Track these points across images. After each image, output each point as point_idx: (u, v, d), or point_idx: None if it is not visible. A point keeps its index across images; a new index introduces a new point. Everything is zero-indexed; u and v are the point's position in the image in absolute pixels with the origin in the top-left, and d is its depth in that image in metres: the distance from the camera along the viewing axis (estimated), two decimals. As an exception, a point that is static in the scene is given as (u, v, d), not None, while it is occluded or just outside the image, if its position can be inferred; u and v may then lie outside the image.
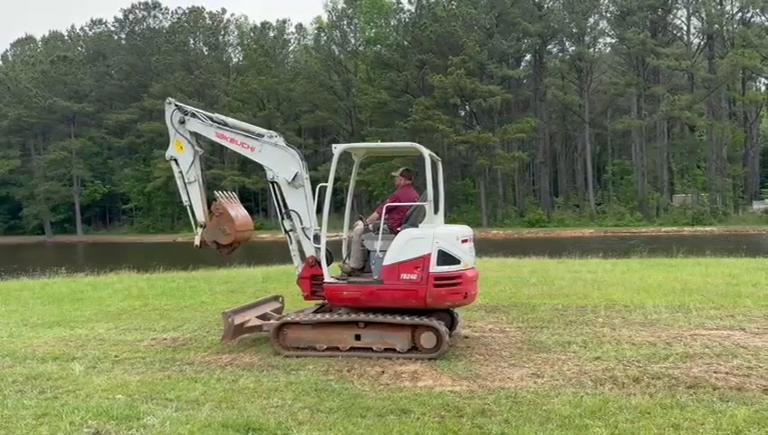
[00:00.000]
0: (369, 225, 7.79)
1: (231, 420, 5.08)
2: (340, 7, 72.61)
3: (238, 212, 8.23)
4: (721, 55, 58.37)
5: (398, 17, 68.75)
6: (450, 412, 5.30)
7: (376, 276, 7.37)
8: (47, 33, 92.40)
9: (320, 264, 7.56)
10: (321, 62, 69.79)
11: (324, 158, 59.54)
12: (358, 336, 7.29)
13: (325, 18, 76.27)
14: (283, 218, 7.94)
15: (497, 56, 62.42)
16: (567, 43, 66.48)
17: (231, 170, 65.88)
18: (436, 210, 7.56)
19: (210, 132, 8.14)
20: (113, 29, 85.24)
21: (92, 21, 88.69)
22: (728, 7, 61.44)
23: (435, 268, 7.05)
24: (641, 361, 6.78)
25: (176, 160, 8.19)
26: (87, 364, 7.15)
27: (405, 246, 7.17)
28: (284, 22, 79.71)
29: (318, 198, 7.79)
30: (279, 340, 7.45)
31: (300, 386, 6.08)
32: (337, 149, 7.65)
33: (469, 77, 57.01)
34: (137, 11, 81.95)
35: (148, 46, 77.12)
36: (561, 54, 67.15)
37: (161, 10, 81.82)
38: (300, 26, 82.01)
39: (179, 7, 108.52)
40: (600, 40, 68.67)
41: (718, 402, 5.39)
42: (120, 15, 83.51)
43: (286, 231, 7.92)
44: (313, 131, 74.78)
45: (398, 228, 7.54)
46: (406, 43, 65.32)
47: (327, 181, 7.65)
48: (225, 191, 8.54)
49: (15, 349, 8.03)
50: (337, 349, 7.27)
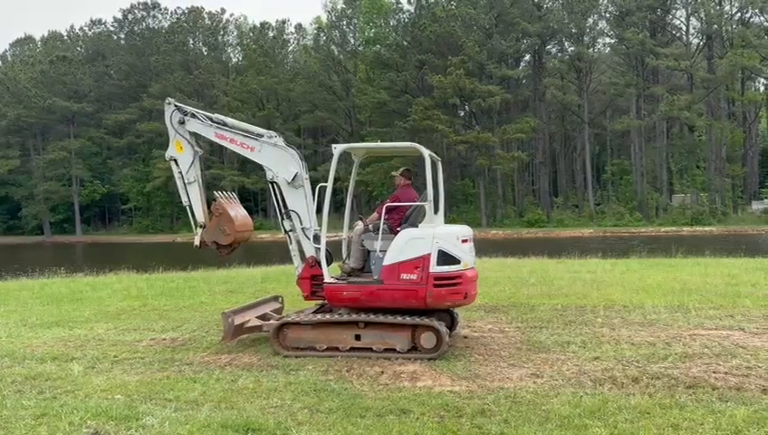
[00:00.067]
0: (369, 225, 7.79)
1: (230, 421, 5.08)
2: (339, 7, 72.69)
3: (238, 212, 8.22)
4: (720, 55, 58.43)
5: (397, 17, 68.76)
6: (449, 412, 5.30)
7: (376, 276, 7.37)
8: (46, 33, 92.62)
9: (320, 264, 7.56)
10: (320, 62, 69.79)
11: (324, 158, 59.57)
12: (358, 336, 7.29)
13: (324, 18, 76.36)
14: (282, 219, 7.93)
15: (496, 56, 62.45)
16: (566, 44, 66.54)
17: (230, 170, 65.91)
18: (436, 210, 7.56)
19: (210, 133, 8.14)
20: (112, 29, 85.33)
21: (92, 21, 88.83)
22: (727, 7, 61.51)
23: (435, 268, 7.05)
24: (640, 361, 6.78)
25: (175, 161, 8.19)
26: (86, 365, 7.15)
27: (405, 246, 7.17)
28: (284, 22, 79.85)
29: (318, 198, 7.79)
30: (279, 340, 7.44)
31: (299, 386, 6.08)
32: (337, 150, 7.64)
33: (468, 77, 57.02)
34: (136, 11, 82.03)
35: (147, 46, 77.12)
36: (560, 55, 67.20)
37: (160, 10, 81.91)
38: (299, 26, 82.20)
39: (179, 7, 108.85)
40: (600, 40, 68.88)
41: (717, 402, 5.39)
42: (120, 15, 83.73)
43: (286, 231, 7.91)
44: (313, 131, 74.81)
45: (398, 228, 7.53)
46: (405, 43, 65.34)
47: (326, 181, 7.64)
48: (225, 191, 8.53)
49: (14, 349, 8.03)
50: (337, 349, 7.26)
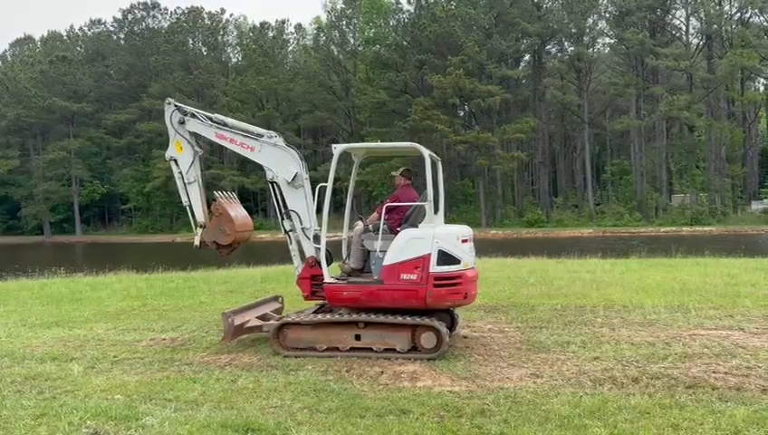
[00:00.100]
0: (369, 225, 7.78)
1: (230, 421, 5.08)
2: (339, 7, 72.69)
3: (238, 212, 8.22)
4: (720, 55, 58.44)
5: (397, 17, 68.76)
6: (449, 412, 5.30)
7: (376, 277, 7.36)
8: (46, 34, 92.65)
9: (320, 264, 7.55)
10: (320, 62, 69.79)
11: (323, 158, 59.55)
12: (358, 336, 7.28)
13: (324, 18, 76.36)
14: (282, 219, 7.93)
15: (496, 56, 62.45)
16: (566, 44, 66.54)
17: (230, 170, 65.91)
18: (436, 210, 7.55)
19: (210, 133, 8.14)
20: (112, 29, 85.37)
21: (91, 21, 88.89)
22: (727, 7, 61.51)
23: (435, 268, 7.04)
24: (640, 361, 6.78)
25: (175, 161, 8.19)
26: (86, 365, 7.15)
27: (405, 246, 7.16)
28: (283, 22, 79.91)
29: (318, 198, 7.79)
30: (279, 340, 7.44)
31: (299, 386, 6.08)
32: (337, 150, 7.63)
33: (468, 77, 57.03)
34: (136, 11, 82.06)
35: (147, 46, 77.13)
36: (560, 55, 67.20)
37: (160, 10, 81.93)
38: (299, 26, 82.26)
39: (178, 7, 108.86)
40: (599, 40, 68.90)
41: (717, 402, 5.39)
42: (119, 15, 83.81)
43: (286, 231, 7.91)
44: (312, 131, 74.82)
45: (398, 228, 7.53)
46: (405, 43, 65.33)
47: (326, 181, 7.64)
48: (225, 191, 8.53)
49: (14, 349, 8.02)
50: (337, 349, 7.26)
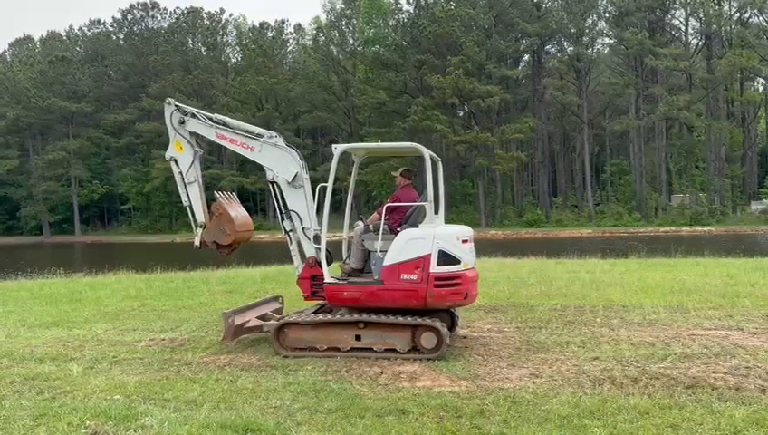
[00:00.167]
0: (370, 225, 7.78)
1: (229, 421, 5.08)
2: (338, 8, 72.74)
3: (238, 212, 8.22)
4: (719, 56, 58.47)
5: (396, 18, 68.77)
6: (449, 413, 5.29)
7: (376, 277, 7.36)
8: (45, 34, 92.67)
9: (320, 264, 7.55)
10: (319, 62, 69.79)
11: (323, 158, 59.55)
12: (358, 337, 7.27)
13: (324, 18, 76.44)
14: (283, 219, 7.93)
15: (496, 56, 62.48)
16: (565, 44, 66.57)
17: (230, 171, 65.94)
18: (436, 210, 7.55)
19: (210, 133, 8.14)
20: (112, 29, 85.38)
21: (91, 21, 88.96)
22: (726, 8, 61.55)
23: (435, 268, 7.03)
24: (640, 361, 6.78)
25: (175, 161, 8.19)
26: (85, 365, 7.14)
27: (405, 246, 7.15)
28: (283, 22, 79.97)
29: (318, 198, 7.79)
30: (279, 340, 7.43)
31: (298, 387, 6.07)
32: (337, 150, 7.63)
33: (468, 77, 57.05)
34: (135, 11, 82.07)
35: (146, 46, 77.12)
36: (559, 55, 67.20)
37: (160, 10, 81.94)
38: (298, 26, 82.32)
39: (178, 7, 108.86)
40: (599, 40, 68.98)
41: (717, 402, 5.39)
42: (119, 16, 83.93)
43: (286, 231, 7.91)
44: (312, 132, 74.83)
45: (399, 229, 7.53)
46: (404, 43, 65.35)
47: (326, 181, 7.64)
48: (225, 191, 8.53)
49: (13, 349, 8.01)
50: (337, 349, 7.25)
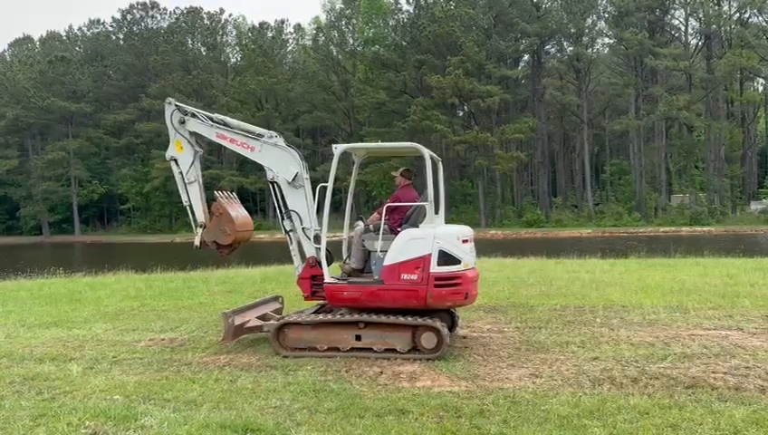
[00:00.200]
0: (370, 225, 7.78)
1: (229, 421, 5.07)
2: (338, 8, 72.72)
3: (238, 212, 8.22)
4: (719, 56, 58.48)
5: (396, 18, 68.78)
6: (448, 413, 5.29)
7: (376, 277, 7.35)
8: (45, 34, 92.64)
9: (320, 264, 7.55)
10: (319, 62, 69.79)
11: (323, 158, 59.55)
12: (358, 337, 7.27)
13: (323, 18, 76.41)
14: (283, 219, 7.92)
15: (495, 56, 62.48)
16: (565, 44, 66.57)
17: (229, 171, 65.93)
18: (436, 210, 7.54)
19: (210, 133, 8.13)
20: (111, 29, 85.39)
21: (90, 21, 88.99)
22: (726, 8, 61.56)
23: (435, 268, 7.03)
24: (639, 361, 6.78)
25: (176, 161, 8.18)
26: (85, 365, 7.14)
27: (405, 246, 7.15)
28: (283, 22, 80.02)
29: (318, 198, 7.78)
30: (279, 340, 7.43)
31: (298, 387, 6.07)
32: (337, 150, 7.62)
33: (467, 77, 57.04)
34: (135, 11, 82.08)
35: (146, 46, 77.10)
36: (559, 55, 67.21)
37: (159, 10, 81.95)
38: (298, 26, 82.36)
39: (177, 7, 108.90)
40: (598, 40, 68.99)
41: (716, 402, 5.39)
42: (119, 16, 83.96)
43: (286, 231, 7.90)
44: (311, 132, 74.82)
45: (399, 229, 7.52)
46: (404, 43, 65.34)
47: (325, 181, 7.64)
48: (225, 191, 8.52)
49: (13, 350, 8.01)
50: (337, 349, 7.25)
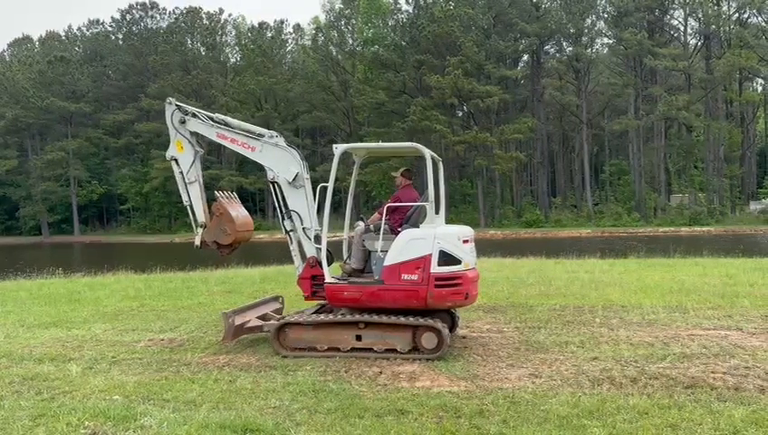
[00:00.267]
0: (370, 225, 7.77)
1: (228, 421, 5.07)
2: (337, 8, 72.70)
3: (239, 212, 8.22)
4: (718, 56, 58.54)
5: (395, 18, 68.77)
6: (448, 413, 5.30)
7: (377, 277, 7.35)
8: (44, 34, 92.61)
9: (320, 264, 7.54)
10: (318, 62, 69.78)
11: (322, 158, 59.52)
12: (359, 337, 7.26)
13: (323, 18, 76.38)
14: (283, 219, 7.92)
15: (495, 57, 62.48)
16: (564, 44, 66.59)
17: (228, 171, 65.91)
18: (437, 211, 7.53)
19: (211, 133, 8.13)
20: (111, 29, 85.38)
21: (90, 21, 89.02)
22: (725, 8, 61.59)
23: (436, 269, 7.03)
24: (639, 361, 6.78)
25: (176, 160, 8.18)
26: (84, 365, 7.13)
27: (406, 246, 7.14)
28: (282, 22, 80.00)
29: (318, 198, 7.78)
30: (279, 340, 7.42)
31: (297, 387, 6.07)
32: (338, 150, 7.62)
33: (467, 77, 57.04)
34: (134, 11, 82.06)
35: (145, 46, 77.07)
36: (558, 55, 67.26)
37: (159, 10, 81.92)
38: (297, 27, 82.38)
39: (177, 7, 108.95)
40: (598, 40, 69.02)
41: (716, 402, 5.39)
42: (118, 16, 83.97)
43: (287, 231, 7.90)
44: (311, 132, 74.82)
45: (399, 229, 7.52)
46: (403, 43, 65.33)
47: (324, 181, 7.64)
48: (225, 191, 8.52)
49: (12, 350, 8.01)
50: (338, 349, 7.24)
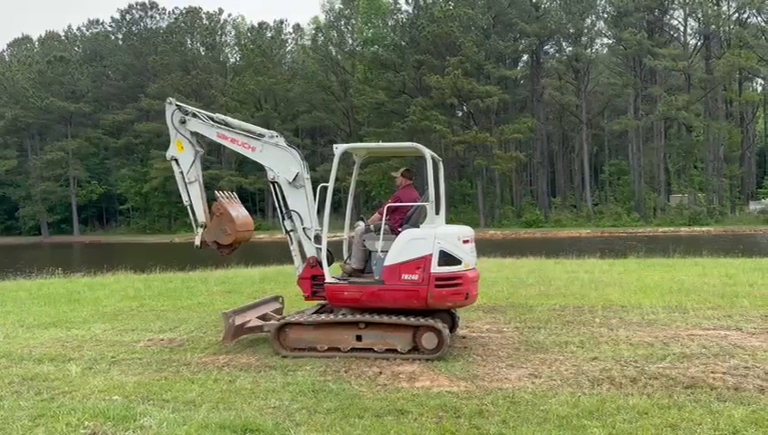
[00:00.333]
0: (371, 225, 7.77)
1: (228, 422, 5.07)
2: (337, 8, 72.71)
3: (239, 212, 8.21)
4: (718, 56, 58.55)
5: (395, 18, 68.76)
6: (448, 413, 5.29)
7: (377, 277, 7.34)
8: (44, 34, 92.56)
9: (321, 264, 7.54)
10: (318, 62, 69.77)
11: (322, 158, 59.52)
12: (359, 337, 7.26)
13: (322, 18, 76.37)
14: (283, 219, 7.91)
15: (494, 57, 62.49)
16: (564, 44, 66.59)
17: (228, 171, 65.89)
18: (437, 211, 7.52)
19: (211, 133, 8.13)
20: (110, 29, 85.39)
21: (89, 21, 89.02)
22: (725, 8, 61.61)
23: (436, 269, 7.03)
24: (639, 361, 6.78)
25: (176, 160, 8.18)
26: (84, 365, 7.13)
27: (406, 246, 7.14)
28: (282, 22, 79.98)
29: (318, 198, 7.78)
30: (280, 340, 7.42)
31: (297, 387, 6.07)
32: (338, 150, 7.62)
33: (466, 77, 57.05)
34: (134, 11, 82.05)
35: (145, 46, 77.06)
36: (558, 55, 67.25)
37: (158, 10, 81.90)
38: (297, 27, 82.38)
39: (176, 7, 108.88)
40: (597, 40, 69.04)
41: (716, 402, 5.39)
42: (118, 16, 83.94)
43: (287, 231, 7.89)
44: (311, 132, 74.81)
45: (400, 229, 7.52)
46: (403, 43, 65.34)
47: (324, 181, 7.63)
48: (225, 191, 8.52)
49: (12, 350, 8.00)
50: (338, 349, 7.23)
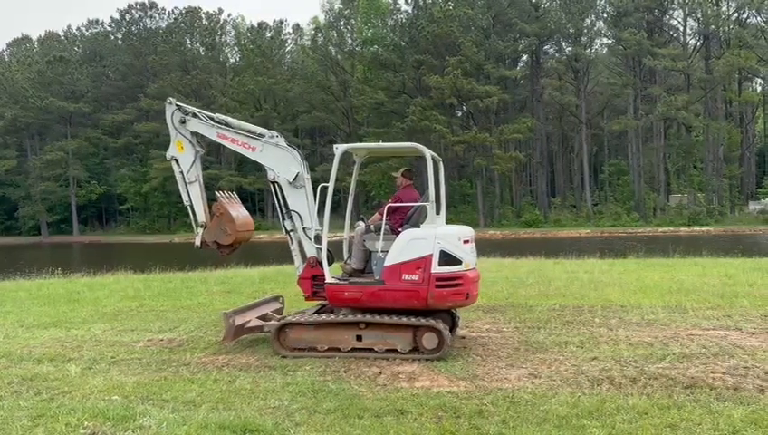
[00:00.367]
0: (371, 225, 7.77)
1: (228, 422, 5.07)
2: (336, 8, 72.73)
3: (239, 212, 8.21)
4: (717, 56, 58.58)
5: (394, 18, 68.77)
6: (447, 413, 5.30)
7: (377, 277, 7.34)
8: (43, 34, 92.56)
9: (321, 264, 7.54)
10: (318, 62, 69.77)
11: (322, 158, 59.54)
12: (359, 337, 7.25)
13: (322, 19, 76.40)
14: (284, 219, 7.91)
15: (494, 57, 62.49)
16: (564, 44, 66.61)
17: (228, 171, 65.88)
18: (437, 211, 7.51)
19: (211, 133, 8.13)
20: (110, 29, 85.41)
21: (89, 21, 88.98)
22: (724, 8, 61.65)
23: (436, 269, 7.03)
24: (638, 361, 6.78)
25: (176, 160, 8.18)
26: (83, 365, 7.13)
27: (406, 246, 7.14)
28: (281, 22, 79.98)
29: (318, 198, 7.77)
30: (280, 340, 7.41)
31: (297, 387, 6.07)
32: (338, 150, 7.61)
33: (466, 77, 57.05)
34: (133, 11, 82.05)
35: (144, 46, 77.07)
36: (557, 55, 67.27)
37: (158, 10, 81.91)
38: (297, 27, 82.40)
39: (176, 7, 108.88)
40: (597, 41, 69.06)
41: (715, 402, 5.39)
42: (117, 16, 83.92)
43: (287, 231, 7.89)
44: (310, 132, 74.81)
45: (400, 229, 7.51)
46: (403, 43, 65.35)
47: (324, 181, 7.63)
48: (226, 191, 8.52)
49: (11, 350, 8.00)
50: (338, 350, 7.23)
